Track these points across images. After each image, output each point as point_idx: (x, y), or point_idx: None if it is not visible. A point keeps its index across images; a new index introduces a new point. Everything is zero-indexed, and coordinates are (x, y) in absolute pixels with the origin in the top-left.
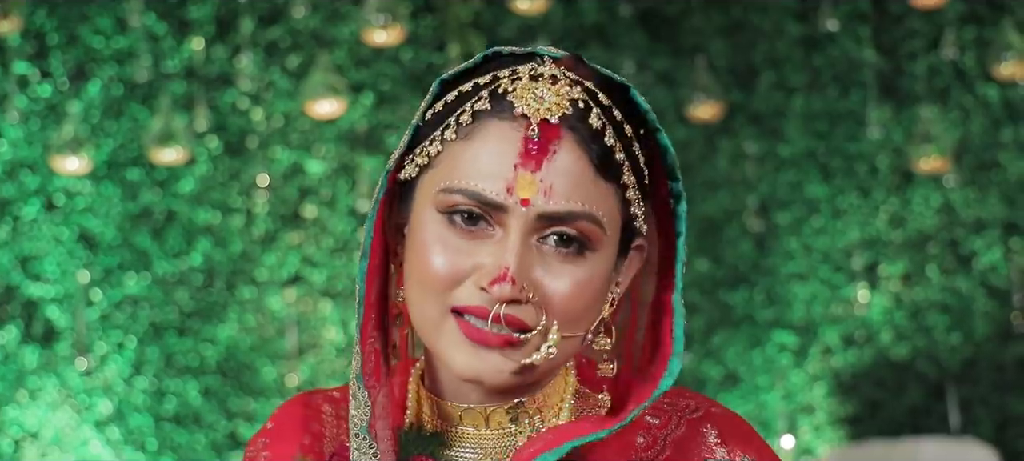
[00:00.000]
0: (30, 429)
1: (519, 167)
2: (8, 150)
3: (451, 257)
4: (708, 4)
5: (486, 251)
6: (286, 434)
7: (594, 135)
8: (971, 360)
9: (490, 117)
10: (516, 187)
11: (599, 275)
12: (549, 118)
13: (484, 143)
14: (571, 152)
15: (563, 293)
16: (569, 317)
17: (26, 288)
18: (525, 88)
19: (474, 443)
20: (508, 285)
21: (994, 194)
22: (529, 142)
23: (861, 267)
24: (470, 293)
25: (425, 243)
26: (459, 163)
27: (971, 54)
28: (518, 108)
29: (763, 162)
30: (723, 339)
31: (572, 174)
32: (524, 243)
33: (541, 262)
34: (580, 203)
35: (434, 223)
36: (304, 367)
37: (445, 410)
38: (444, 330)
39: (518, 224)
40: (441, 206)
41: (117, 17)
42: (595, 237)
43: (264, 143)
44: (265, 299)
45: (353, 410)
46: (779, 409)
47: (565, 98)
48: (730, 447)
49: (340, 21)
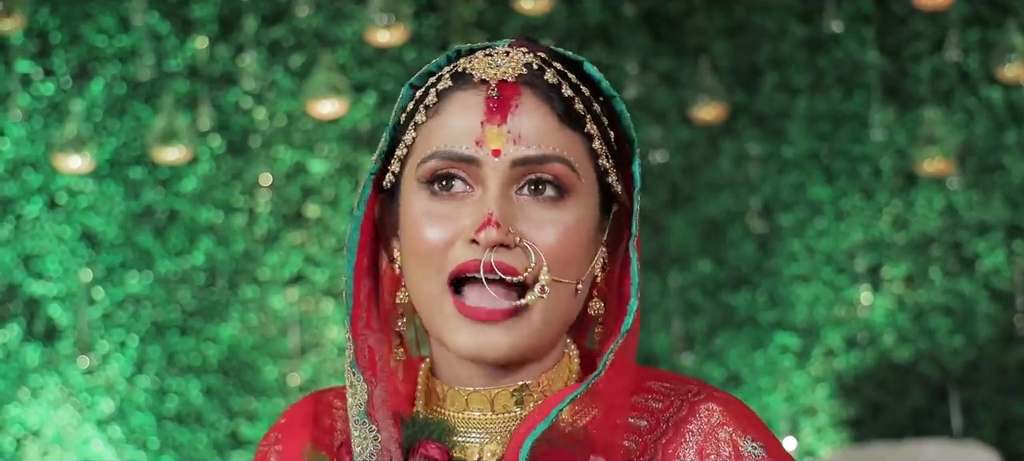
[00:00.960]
0: (32, 427)
1: (485, 124)
2: (11, 148)
3: (439, 223)
4: (712, 5)
5: (469, 210)
6: (297, 429)
7: (552, 88)
8: (974, 363)
9: (452, 91)
10: (485, 141)
11: (581, 221)
12: (506, 78)
13: (450, 113)
14: (532, 104)
15: (548, 239)
16: (557, 261)
17: (28, 286)
18: (481, 61)
19: (481, 427)
20: (494, 229)
21: (998, 196)
22: (491, 101)
23: (864, 269)
24: (461, 251)
25: (414, 219)
26: (431, 136)
27: (975, 56)
28: (477, 76)
29: (766, 163)
30: (725, 340)
31: (537, 122)
32: (503, 194)
33: (522, 213)
34: (550, 147)
35: (419, 199)
36: (306, 367)
37: (452, 396)
38: (444, 311)
39: (494, 175)
40: (421, 177)
41: (120, 16)
42: (570, 181)
43: (267, 142)
44: (267, 298)
45: (350, 398)
46: (781, 411)
47: (520, 62)
48: (732, 428)
49: (343, 20)
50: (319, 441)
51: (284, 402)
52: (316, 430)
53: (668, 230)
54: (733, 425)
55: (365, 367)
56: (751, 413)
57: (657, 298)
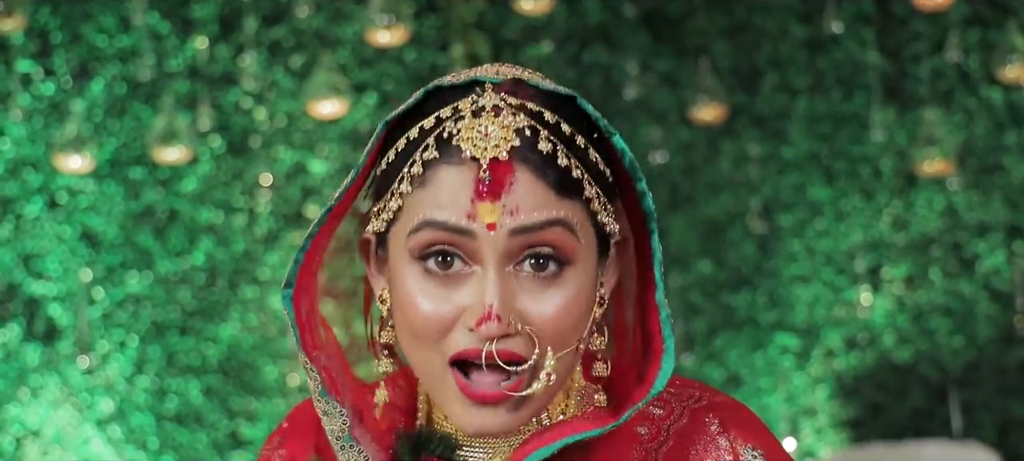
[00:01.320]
0: (32, 427)
1: (476, 202)
2: (11, 148)
3: (435, 305)
4: (712, 5)
5: (467, 291)
6: (301, 432)
7: (547, 160)
8: (974, 363)
9: (440, 164)
10: (478, 216)
11: (582, 289)
12: (498, 155)
13: (439, 188)
14: (527, 180)
15: (550, 317)
16: (560, 338)
17: (28, 286)
18: (468, 128)
19: (483, 444)
20: (494, 323)
21: (998, 197)
22: (481, 184)
23: (864, 270)
24: (461, 339)
25: (408, 295)
26: (420, 208)
27: (975, 57)
28: (465, 152)
29: (766, 164)
30: (725, 341)
31: (532, 195)
32: (501, 274)
33: (523, 291)
34: (548, 212)
35: (412, 275)
36: None
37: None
38: (446, 386)
39: (491, 251)
40: (413, 251)
41: (120, 16)
42: (570, 248)
43: (267, 143)
44: (267, 298)
45: (328, 425)
46: (781, 412)
47: (510, 130)
48: (732, 436)
49: (344, 21)
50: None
51: (284, 402)
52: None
53: (668, 231)
54: (733, 433)
55: (331, 391)
56: (752, 418)
57: None
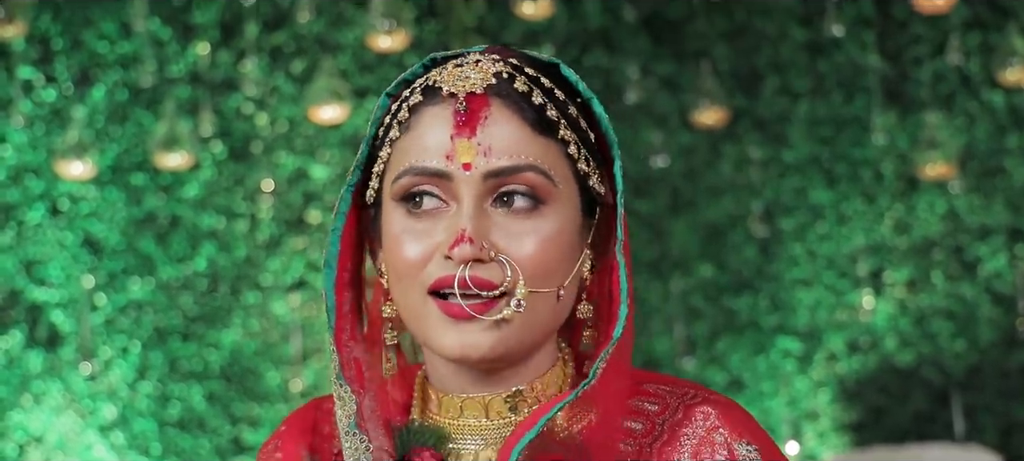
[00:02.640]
0: (34, 433)
1: (454, 137)
2: (13, 155)
3: (416, 241)
4: (712, 9)
5: (444, 225)
6: (296, 436)
7: (522, 97)
8: (976, 367)
9: (423, 106)
10: (455, 154)
11: (560, 230)
12: (475, 90)
13: (422, 130)
14: (502, 115)
15: (524, 250)
16: (535, 273)
17: (30, 293)
18: (450, 73)
19: (476, 434)
20: (467, 245)
21: (999, 200)
22: (459, 115)
23: (866, 273)
24: (437, 267)
25: (392, 236)
26: (405, 152)
27: (976, 60)
28: (445, 89)
29: (767, 167)
30: (727, 345)
31: (508, 132)
32: (477, 207)
33: (498, 225)
34: (522, 156)
35: (396, 217)
36: (308, 372)
37: (447, 403)
38: (427, 315)
39: (467, 190)
40: (396, 194)
41: (122, 22)
42: (545, 190)
43: (269, 148)
44: (269, 304)
45: (339, 410)
46: (783, 415)
47: (488, 72)
48: (727, 431)
49: (345, 26)
50: (318, 448)
51: (286, 408)
52: (315, 438)
53: (669, 234)
54: (728, 429)
55: (352, 379)
56: (747, 416)
57: (658, 302)
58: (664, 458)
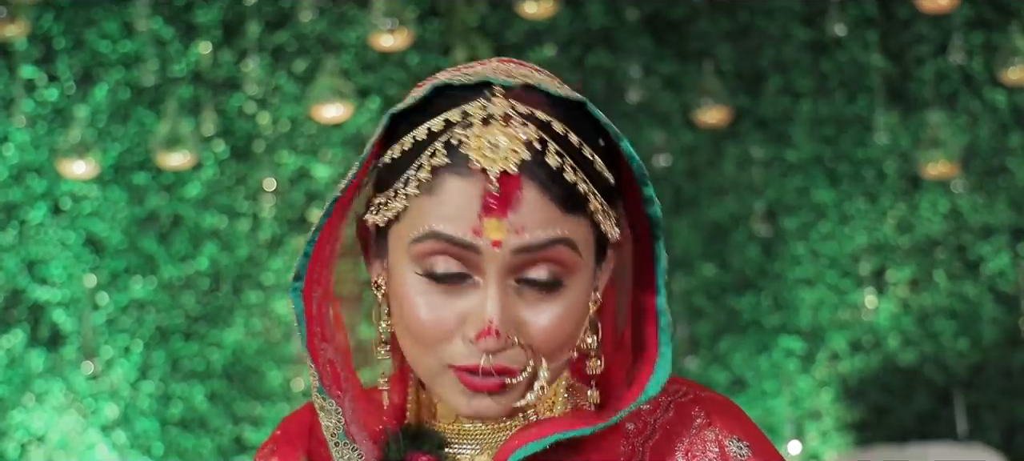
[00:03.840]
0: (36, 433)
1: (484, 218)
2: (15, 154)
3: (436, 314)
4: (715, 8)
5: (468, 301)
6: (293, 439)
7: (554, 175)
8: (979, 366)
9: (448, 172)
10: (483, 232)
11: (580, 301)
12: (507, 169)
13: (445, 199)
14: (534, 197)
15: (546, 329)
16: (554, 349)
17: (33, 292)
18: (478, 137)
19: (472, 439)
20: (493, 338)
21: (1002, 199)
22: (490, 197)
23: (868, 272)
24: (460, 351)
25: (409, 300)
26: (425, 216)
27: (979, 59)
28: (474, 162)
29: (770, 167)
30: (730, 344)
31: (538, 212)
32: (502, 287)
33: (522, 301)
34: (553, 230)
35: (413, 280)
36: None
37: (443, 409)
38: (445, 382)
39: (494, 265)
40: (416, 260)
41: (124, 21)
42: (572, 264)
43: (271, 147)
44: (271, 303)
45: (325, 421)
46: (786, 415)
47: (520, 142)
48: (718, 428)
49: (347, 25)
50: (315, 453)
51: (288, 407)
52: (312, 441)
53: (672, 234)
54: (719, 426)
55: (329, 386)
56: (739, 412)
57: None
58: (656, 457)
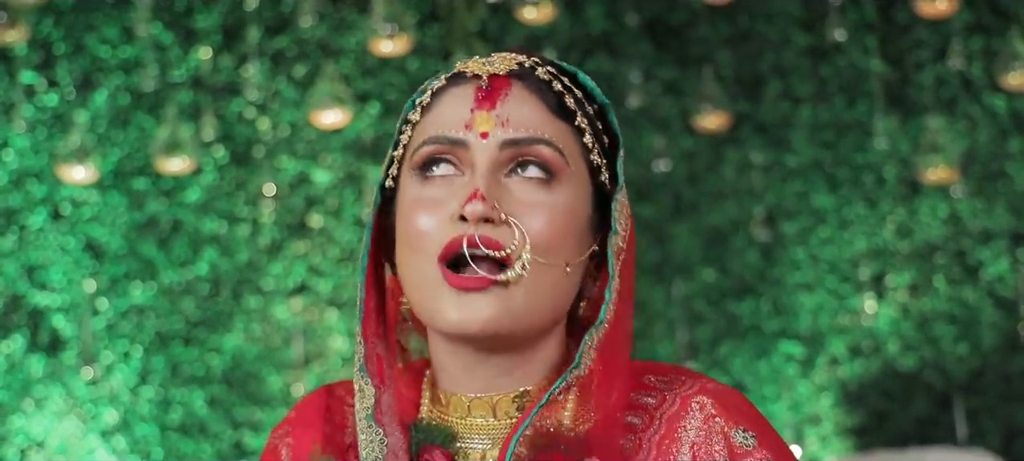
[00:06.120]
0: (36, 438)
1: (474, 110)
2: (15, 159)
3: (429, 208)
4: (715, 14)
5: (457, 191)
6: (308, 422)
7: (543, 83)
8: (978, 371)
9: (446, 89)
10: (474, 124)
11: (570, 207)
12: (498, 72)
13: (442, 107)
14: (523, 94)
15: (534, 218)
16: (542, 242)
17: (32, 297)
18: (476, 62)
19: (484, 433)
20: (479, 202)
21: (1001, 204)
22: (480, 91)
23: (868, 277)
24: (448, 227)
25: (407, 208)
26: (424, 128)
27: (978, 64)
28: (469, 73)
29: (770, 172)
30: (730, 349)
31: (527, 110)
32: (491, 174)
33: (510, 194)
34: (538, 131)
35: (411, 187)
36: (310, 376)
37: (455, 402)
38: (437, 286)
39: (482, 156)
40: (414, 165)
41: (124, 26)
42: (557, 165)
43: (270, 152)
44: (271, 308)
45: (358, 402)
46: (786, 419)
47: (512, 60)
48: (723, 420)
49: (347, 30)
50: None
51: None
52: (327, 426)
53: (672, 239)
54: (724, 416)
55: (374, 372)
56: (743, 401)
57: (661, 307)
58: (662, 450)
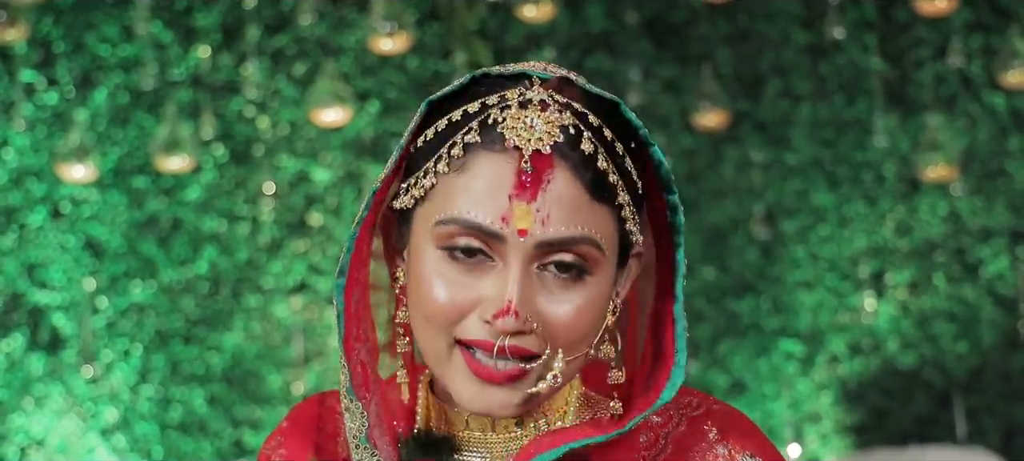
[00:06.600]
0: (36, 437)
1: (514, 199)
2: (14, 158)
3: (453, 291)
4: (714, 12)
5: (488, 283)
6: (300, 432)
7: (586, 161)
8: (978, 369)
9: (481, 149)
10: (512, 218)
11: (599, 297)
12: (541, 149)
13: (477, 176)
14: (565, 180)
15: (565, 319)
16: (572, 341)
17: (32, 296)
18: (515, 118)
19: (481, 446)
20: (512, 318)
21: (1001, 202)
22: (523, 175)
23: (867, 275)
24: (475, 327)
25: (426, 278)
26: (453, 196)
27: (978, 62)
28: (509, 140)
29: (769, 170)
30: (729, 347)
31: (567, 201)
32: (525, 273)
33: (542, 289)
34: (578, 227)
35: (433, 257)
36: (310, 375)
37: (452, 415)
38: (452, 364)
39: (518, 254)
40: (439, 240)
41: (123, 25)
42: (594, 260)
43: (270, 151)
44: (271, 307)
45: (349, 422)
46: (785, 418)
47: (555, 125)
48: (731, 443)
49: (346, 29)
50: (323, 447)
51: (288, 411)
52: (320, 436)
53: None
54: (731, 441)
55: (359, 386)
56: (750, 426)
57: None
58: None
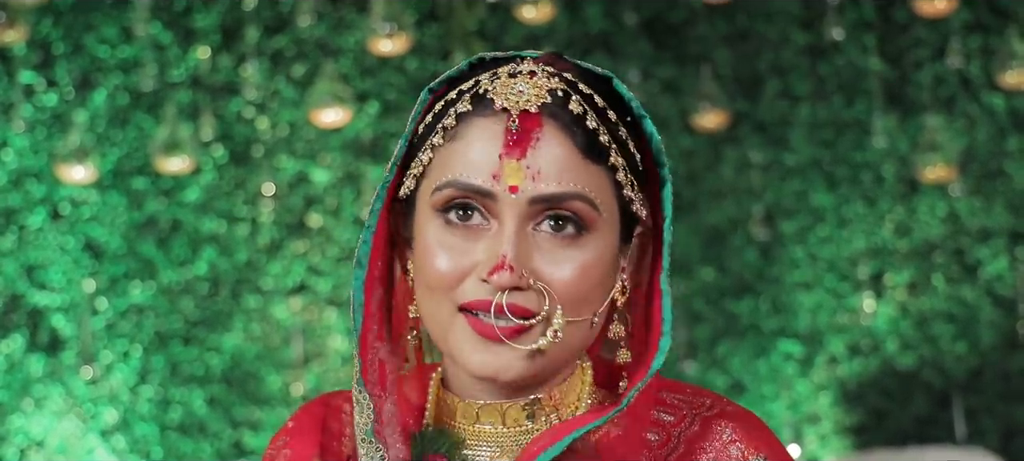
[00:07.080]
0: (35, 438)
1: (503, 157)
2: (14, 159)
3: (451, 256)
4: (713, 13)
5: (484, 245)
6: (305, 432)
7: (576, 119)
8: (977, 369)
9: (472, 116)
10: (503, 175)
11: (600, 258)
12: (528, 108)
13: (470, 142)
14: (554, 138)
15: (564, 277)
16: (573, 300)
17: (32, 297)
18: (503, 84)
19: (492, 441)
20: (507, 273)
21: (1000, 203)
22: (510, 133)
23: (867, 276)
24: (473, 288)
25: (427, 247)
26: (448, 162)
27: (977, 63)
28: (498, 103)
29: (768, 171)
30: (728, 348)
31: (558, 157)
32: (520, 231)
33: (539, 249)
34: (570, 184)
35: (433, 227)
36: (309, 376)
37: (463, 409)
38: (455, 329)
39: (511, 212)
40: (436, 204)
41: (123, 26)
42: (590, 218)
43: (269, 152)
44: (270, 308)
45: (357, 416)
46: (785, 418)
47: (543, 89)
48: (744, 445)
49: (345, 30)
50: (327, 447)
51: (287, 412)
52: (325, 436)
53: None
54: (745, 442)
55: (373, 383)
56: (764, 428)
57: None
58: None
